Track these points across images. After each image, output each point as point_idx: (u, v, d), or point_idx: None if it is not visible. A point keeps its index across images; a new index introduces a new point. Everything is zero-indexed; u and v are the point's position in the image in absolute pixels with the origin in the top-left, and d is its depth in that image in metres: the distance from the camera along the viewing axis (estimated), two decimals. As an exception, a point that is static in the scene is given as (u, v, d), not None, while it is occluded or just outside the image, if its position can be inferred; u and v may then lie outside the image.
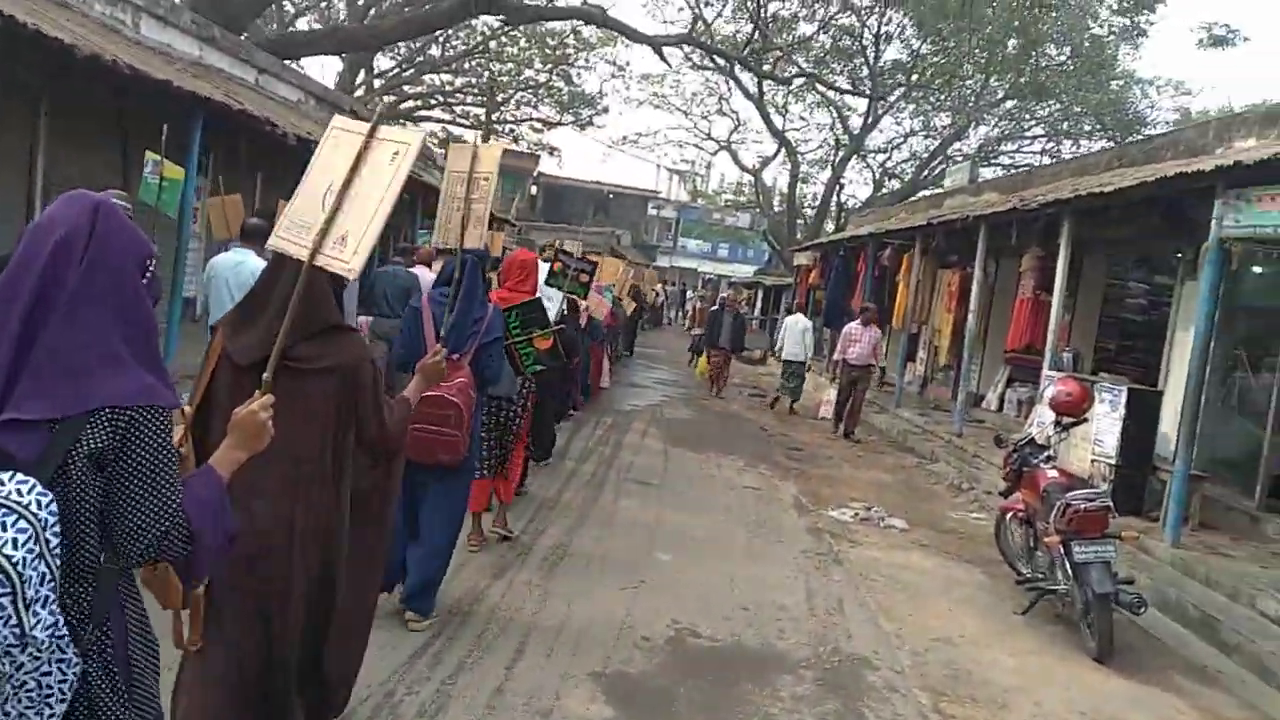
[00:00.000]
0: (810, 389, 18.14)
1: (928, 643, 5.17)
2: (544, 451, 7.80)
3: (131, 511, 1.51)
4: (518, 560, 5.56)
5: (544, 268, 7.46)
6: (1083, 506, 5.41)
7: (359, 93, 34.56)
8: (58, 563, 1.41)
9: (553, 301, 7.34)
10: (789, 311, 23.91)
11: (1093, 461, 7.97)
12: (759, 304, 30.73)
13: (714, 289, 45.15)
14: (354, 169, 2.21)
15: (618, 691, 3.99)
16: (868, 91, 32.31)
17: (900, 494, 9.48)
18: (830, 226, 32.17)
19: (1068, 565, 5.40)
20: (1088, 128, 28.82)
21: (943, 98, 30.36)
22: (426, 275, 7.65)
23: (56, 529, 1.41)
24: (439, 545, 4.31)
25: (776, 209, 38.67)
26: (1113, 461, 7.81)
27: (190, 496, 1.61)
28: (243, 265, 5.63)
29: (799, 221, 36.54)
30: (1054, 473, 5.97)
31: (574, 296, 8.40)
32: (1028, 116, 30.23)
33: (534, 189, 49.01)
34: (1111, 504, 5.63)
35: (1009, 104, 29.68)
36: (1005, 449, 6.57)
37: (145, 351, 1.58)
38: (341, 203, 2.19)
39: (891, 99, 33.06)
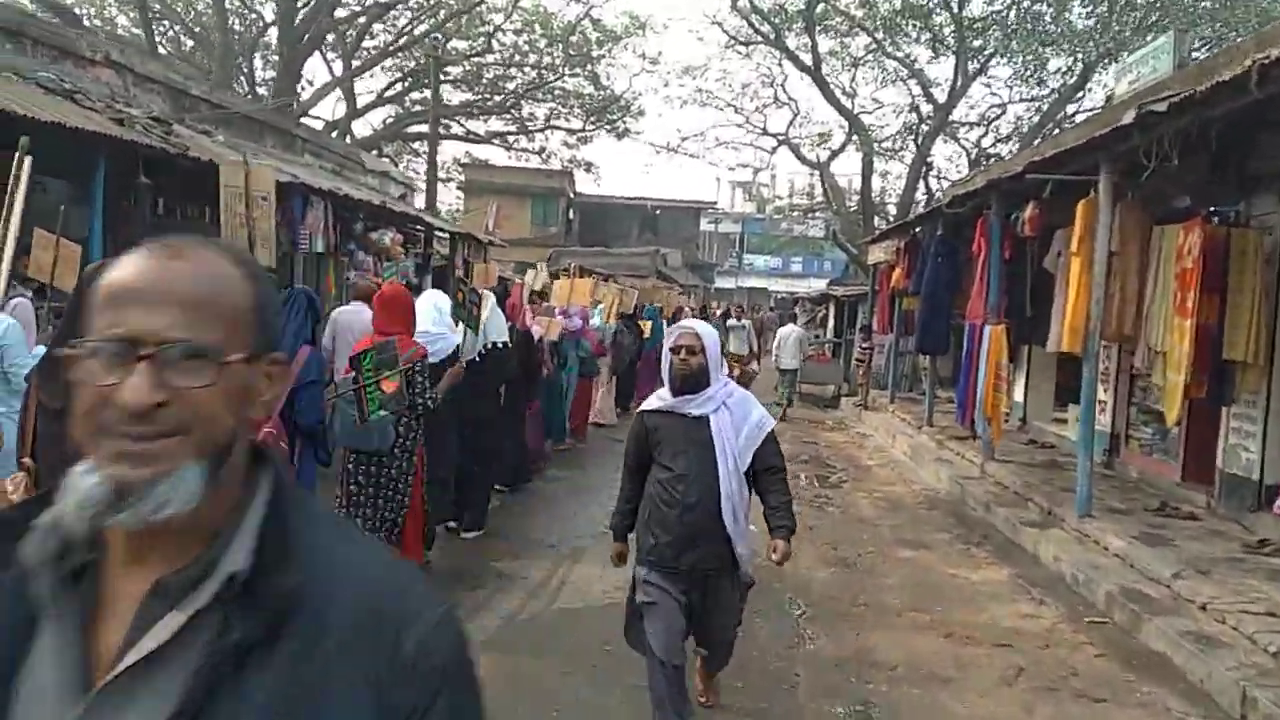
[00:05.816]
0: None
1: None
2: (474, 519, 6.59)
3: None
4: None
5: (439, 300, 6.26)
6: None
7: (360, 126, 29.23)
8: None
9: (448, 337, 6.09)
10: (862, 330, 17.44)
11: None
12: (829, 323, 23.55)
13: (783, 307, 37.81)
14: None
15: None
16: (953, 48, 25.41)
17: None
18: (919, 219, 24.64)
19: None
20: None
21: (1054, 32, 22.88)
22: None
23: None
24: None
25: (851, 209, 31.33)
26: None
27: None
28: (361, 312, 5.89)
29: (878, 220, 29.27)
30: None
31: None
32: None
33: (569, 211, 42.94)
34: None
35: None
36: None
37: None
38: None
39: (985, 55, 25.98)
